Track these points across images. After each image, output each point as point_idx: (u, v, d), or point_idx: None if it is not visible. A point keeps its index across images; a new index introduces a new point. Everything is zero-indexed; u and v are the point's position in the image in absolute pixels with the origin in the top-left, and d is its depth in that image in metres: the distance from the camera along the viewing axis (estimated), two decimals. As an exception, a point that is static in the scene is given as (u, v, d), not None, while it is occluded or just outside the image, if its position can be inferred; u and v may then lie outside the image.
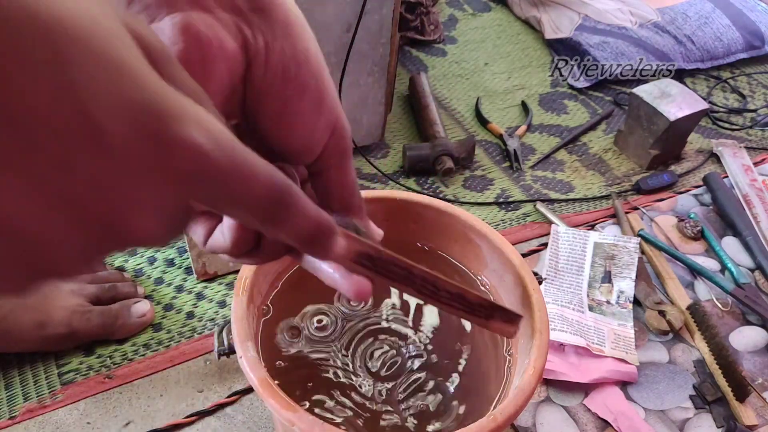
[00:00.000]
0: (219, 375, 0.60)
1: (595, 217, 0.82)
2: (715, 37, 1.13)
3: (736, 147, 0.94)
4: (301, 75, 0.25)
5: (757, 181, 0.88)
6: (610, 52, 1.07)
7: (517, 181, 0.87)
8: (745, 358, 0.67)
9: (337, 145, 0.28)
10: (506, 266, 0.46)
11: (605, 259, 0.72)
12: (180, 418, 0.56)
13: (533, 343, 0.40)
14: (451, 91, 1.03)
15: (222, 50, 0.23)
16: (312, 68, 0.26)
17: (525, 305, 0.43)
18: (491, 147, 0.93)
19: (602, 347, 0.64)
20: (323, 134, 0.27)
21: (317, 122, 0.27)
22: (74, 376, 0.59)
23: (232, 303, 0.40)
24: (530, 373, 0.38)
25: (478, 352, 0.46)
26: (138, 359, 0.61)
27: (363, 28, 0.71)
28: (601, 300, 0.69)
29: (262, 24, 0.24)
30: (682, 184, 0.89)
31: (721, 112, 1.05)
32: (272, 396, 0.35)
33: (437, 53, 1.11)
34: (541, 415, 0.60)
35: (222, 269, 0.68)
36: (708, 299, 0.72)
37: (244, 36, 0.24)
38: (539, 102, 1.02)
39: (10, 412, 0.56)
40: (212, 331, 0.64)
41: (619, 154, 0.94)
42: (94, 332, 0.60)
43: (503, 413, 0.36)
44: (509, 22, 1.22)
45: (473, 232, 0.47)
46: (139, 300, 0.63)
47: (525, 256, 0.75)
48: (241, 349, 0.37)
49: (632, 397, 0.62)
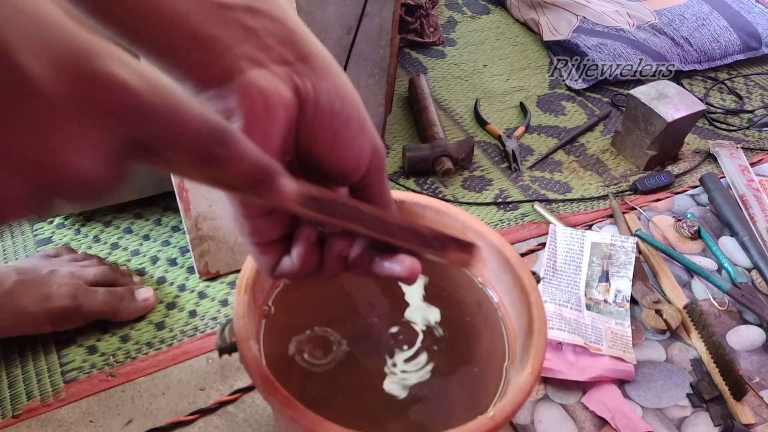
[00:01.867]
0: (221, 373, 0.61)
1: (592, 217, 0.83)
2: (713, 38, 1.14)
3: (733, 148, 0.95)
4: (346, 108, 0.29)
5: (754, 181, 0.89)
6: (608, 53, 1.08)
7: (516, 182, 0.88)
8: (742, 357, 0.68)
9: (377, 163, 0.32)
10: (505, 266, 0.46)
11: (603, 259, 0.73)
12: (182, 416, 0.57)
13: (531, 341, 0.41)
14: (450, 92, 1.04)
15: (280, 98, 0.27)
16: (352, 101, 0.30)
17: (523, 304, 0.44)
18: (490, 148, 0.93)
19: (600, 346, 0.64)
20: (367, 155, 0.31)
21: (362, 146, 0.31)
22: (77, 374, 0.59)
23: (234, 302, 0.40)
24: (528, 372, 0.39)
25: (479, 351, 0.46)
26: (141, 357, 0.61)
27: (363, 30, 0.72)
28: (598, 299, 0.70)
29: (307, 70, 0.28)
30: (679, 184, 0.90)
31: (718, 113, 1.05)
32: (274, 394, 0.36)
33: (436, 55, 1.12)
34: (540, 413, 0.60)
35: (224, 269, 0.69)
36: (705, 299, 0.73)
37: (294, 83, 0.28)
38: (537, 103, 1.03)
39: (13, 411, 0.56)
40: (214, 329, 0.65)
41: (616, 154, 0.94)
42: (98, 309, 0.60)
43: (502, 411, 0.37)
44: (508, 25, 1.23)
45: (472, 231, 0.48)
46: (141, 286, 0.65)
47: (523, 256, 0.76)
48: (243, 347, 0.38)
49: (630, 396, 0.62)
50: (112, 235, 0.73)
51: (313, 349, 0.44)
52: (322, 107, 0.29)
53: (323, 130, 0.29)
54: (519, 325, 0.44)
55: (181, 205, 0.64)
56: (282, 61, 0.28)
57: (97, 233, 0.73)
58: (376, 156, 0.32)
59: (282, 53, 0.28)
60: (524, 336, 0.42)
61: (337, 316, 0.49)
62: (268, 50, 0.28)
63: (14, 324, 0.58)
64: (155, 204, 0.76)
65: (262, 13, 0.27)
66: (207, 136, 0.21)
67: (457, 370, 0.45)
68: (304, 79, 0.28)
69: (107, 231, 0.74)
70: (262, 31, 0.27)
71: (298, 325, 0.46)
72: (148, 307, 0.64)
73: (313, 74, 0.28)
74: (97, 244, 0.72)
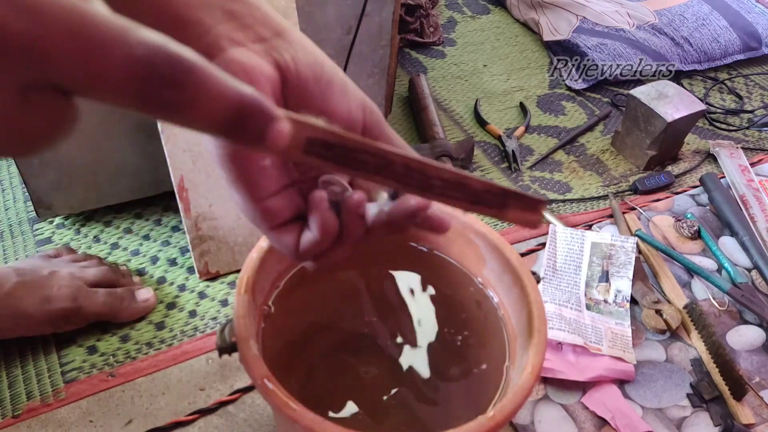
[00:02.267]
0: (221, 373, 0.61)
1: (592, 217, 0.83)
2: (713, 38, 1.14)
3: (733, 148, 0.95)
4: (326, 72, 0.30)
5: (754, 181, 0.89)
6: (608, 53, 1.08)
7: (516, 182, 0.88)
8: (742, 357, 0.68)
9: (372, 119, 0.32)
10: (505, 265, 0.46)
11: (603, 259, 0.73)
12: (182, 416, 0.57)
13: (531, 341, 0.41)
14: (450, 92, 1.04)
15: (262, 72, 0.28)
16: (330, 66, 0.31)
17: (523, 304, 0.44)
18: (490, 148, 0.93)
19: (600, 346, 0.64)
20: (358, 113, 0.31)
21: (350, 104, 0.31)
22: (77, 374, 0.59)
23: (234, 302, 0.40)
24: (528, 372, 0.39)
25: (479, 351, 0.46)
26: (141, 357, 0.61)
27: (363, 30, 0.72)
28: (598, 299, 0.70)
29: (284, 44, 0.29)
30: (679, 184, 0.90)
31: (718, 113, 1.05)
32: (273, 394, 0.36)
33: (436, 55, 1.12)
34: (540, 412, 0.60)
35: (224, 269, 0.69)
36: (705, 299, 0.73)
37: (274, 57, 0.29)
38: (537, 103, 1.03)
39: (13, 411, 0.56)
40: (214, 329, 0.65)
41: (616, 154, 0.94)
42: (99, 311, 0.60)
43: (502, 411, 0.37)
44: (508, 25, 1.23)
45: (472, 231, 0.48)
46: (142, 286, 0.65)
47: (523, 256, 0.76)
48: (243, 347, 0.38)
49: (630, 396, 0.62)
50: (112, 235, 0.73)
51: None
52: (303, 75, 0.30)
53: (309, 95, 0.30)
54: (519, 325, 0.44)
55: (181, 205, 0.64)
56: (259, 39, 0.29)
57: (97, 233, 0.73)
58: (368, 112, 0.32)
59: (259, 32, 0.29)
60: (524, 336, 0.42)
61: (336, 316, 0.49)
62: (246, 30, 0.29)
63: (14, 326, 0.58)
64: (155, 204, 0.76)
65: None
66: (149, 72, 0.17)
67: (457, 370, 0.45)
68: (282, 53, 0.29)
69: (107, 231, 0.74)
70: (240, 14, 0.29)
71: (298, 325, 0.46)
72: (149, 308, 0.64)
73: (290, 47, 0.30)
74: (97, 244, 0.72)
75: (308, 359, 0.47)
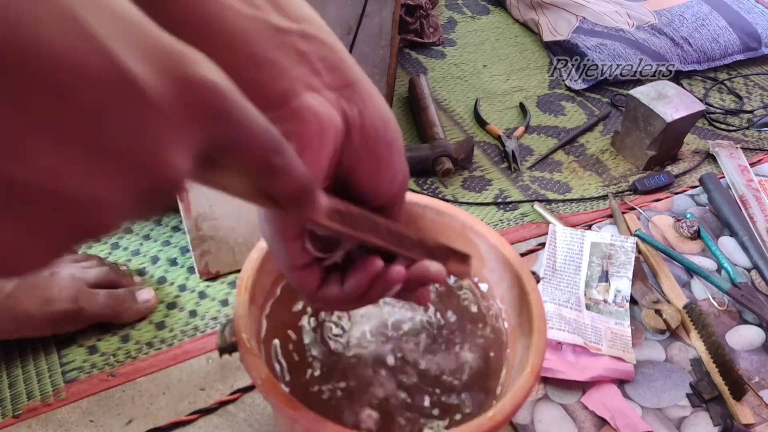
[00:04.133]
0: (221, 373, 0.61)
1: (592, 217, 0.83)
2: (712, 38, 1.14)
3: (733, 148, 0.95)
4: (389, 133, 0.31)
5: (754, 181, 0.89)
6: (608, 54, 1.08)
7: (515, 182, 0.88)
8: (741, 357, 0.68)
9: (404, 185, 0.33)
10: (504, 265, 0.46)
11: (602, 259, 0.73)
12: (182, 416, 0.57)
13: (531, 341, 0.41)
14: (450, 92, 1.04)
15: (332, 123, 0.28)
16: (394, 127, 0.31)
17: (523, 304, 0.44)
18: (490, 148, 0.93)
19: (599, 346, 0.64)
20: (401, 178, 0.32)
21: (400, 170, 0.32)
22: (77, 374, 0.59)
23: (234, 302, 0.41)
24: (528, 371, 0.39)
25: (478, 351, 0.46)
26: (141, 357, 0.61)
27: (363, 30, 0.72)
28: (598, 299, 0.70)
29: (354, 96, 0.30)
30: (679, 184, 0.90)
31: (717, 113, 1.06)
32: (274, 394, 0.36)
33: (436, 55, 1.12)
34: (539, 412, 0.60)
35: (224, 269, 0.69)
36: (704, 298, 0.73)
37: (342, 108, 0.29)
38: (537, 103, 1.03)
39: (13, 411, 0.56)
40: (215, 329, 0.65)
41: (616, 155, 0.94)
42: (99, 312, 0.60)
43: (502, 411, 0.37)
44: (507, 25, 1.23)
45: (472, 231, 0.48)
46: (142, 287, 0.65)
47: (523, 256, 0.76)
48: (243, 347, 0.38)
49: (629, 395, 0.62)
50: (113, 235, 0.73)
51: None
52: (367, 132, 0.30)
53: (367, 154, 0.30)
54: (519, 325, 0.44)
55: (181, 205, 0.64)
56: (331, 87, 0.29)
57: (98, 233, 0.73)
58: (405, 178, 0.33)
59: (331, 79, 0.29)
60: (524, 336, 0.42)
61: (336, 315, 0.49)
62: (320, 75, 0.29)
63: (16, 327, 0.58)
64: (155, 204, 0.76)
65: (314, 38, 0.29)
66: (271, 145, 0.22)
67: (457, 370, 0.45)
68: (351, 105, 0.29)
69: (107, 231, 0.74)
70: (314, 56, 0.29)
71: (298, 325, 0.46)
72: (149, 309, 0.64)
73: (359, 100, 0.30)
74: (97, 244, 0.72)
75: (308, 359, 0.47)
